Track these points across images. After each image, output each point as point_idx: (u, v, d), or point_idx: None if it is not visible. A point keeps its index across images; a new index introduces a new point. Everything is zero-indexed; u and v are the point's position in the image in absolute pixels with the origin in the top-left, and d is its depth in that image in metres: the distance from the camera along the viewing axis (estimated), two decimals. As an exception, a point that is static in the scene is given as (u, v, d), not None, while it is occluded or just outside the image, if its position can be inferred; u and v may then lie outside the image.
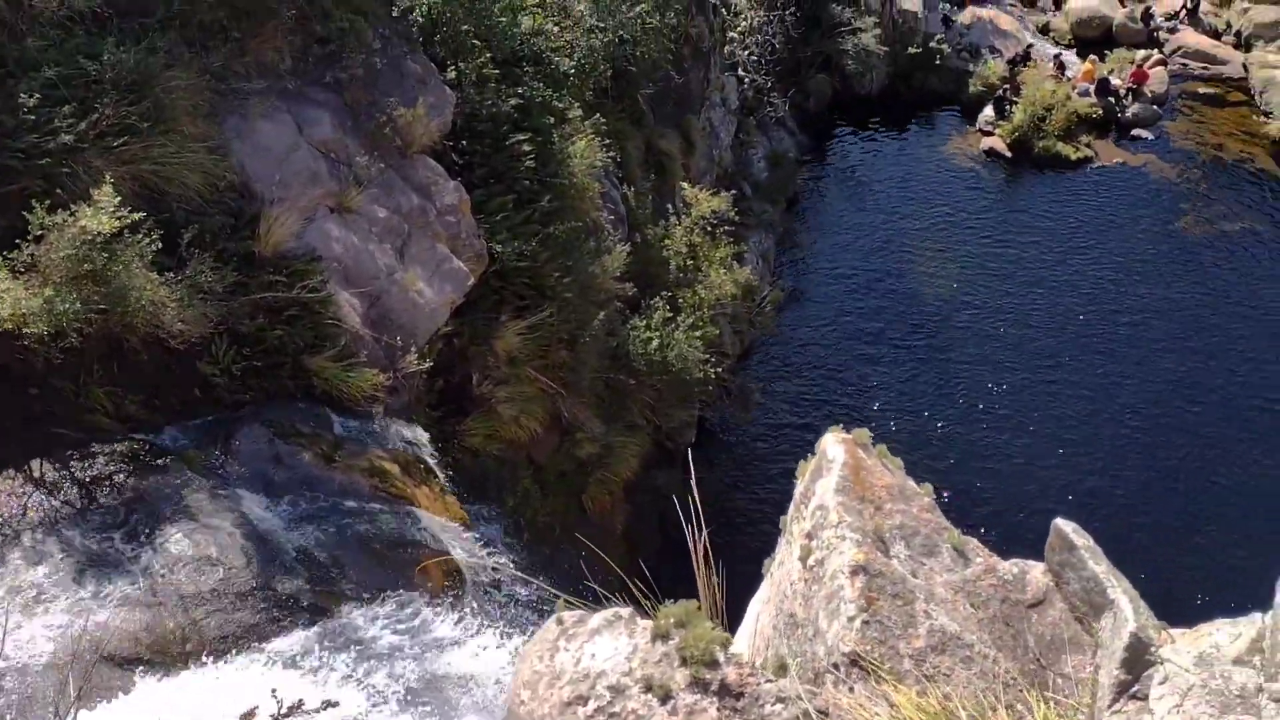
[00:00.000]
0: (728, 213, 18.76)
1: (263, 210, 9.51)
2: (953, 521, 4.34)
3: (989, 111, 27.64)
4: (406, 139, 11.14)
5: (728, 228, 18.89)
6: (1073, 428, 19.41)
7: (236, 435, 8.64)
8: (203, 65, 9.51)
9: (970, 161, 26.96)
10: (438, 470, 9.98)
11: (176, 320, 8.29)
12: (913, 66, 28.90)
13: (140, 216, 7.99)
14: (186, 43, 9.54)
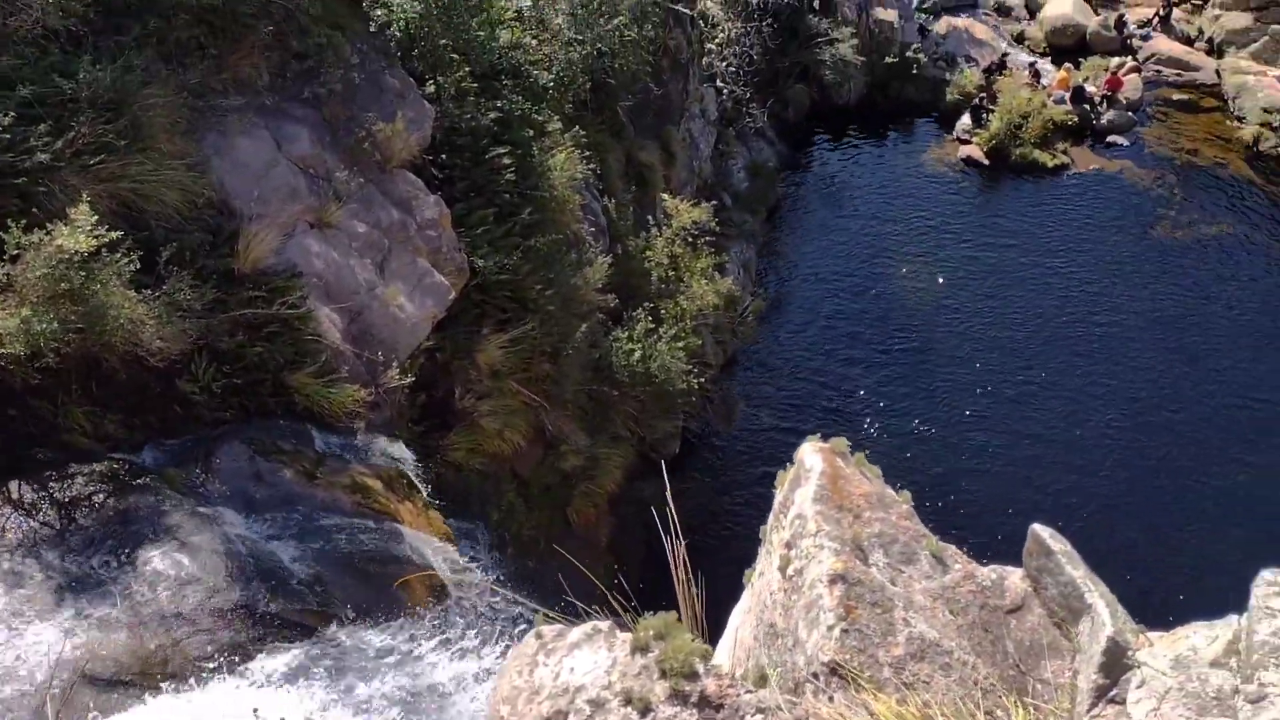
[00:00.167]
0: (708, 223, 18.83)
1: (242, 227, 9.48)
2: (933, 527, 4.36)
3: (966, 120, 27.85)
4: (386, 153, 11.14)
5: (709, 238, 18.96)
6: (1052, 431, 19.53)
7: (217, 453, 8.59)
8: (180, 82, 9.47)
9: (948, 169, 27.15)
10: (420, 485, 9.95)
11: (155, 338, 8.25)
12: (890, 76, 29.10)
13: (118, 235, 7.95)
14: (163, 60, 9.51)
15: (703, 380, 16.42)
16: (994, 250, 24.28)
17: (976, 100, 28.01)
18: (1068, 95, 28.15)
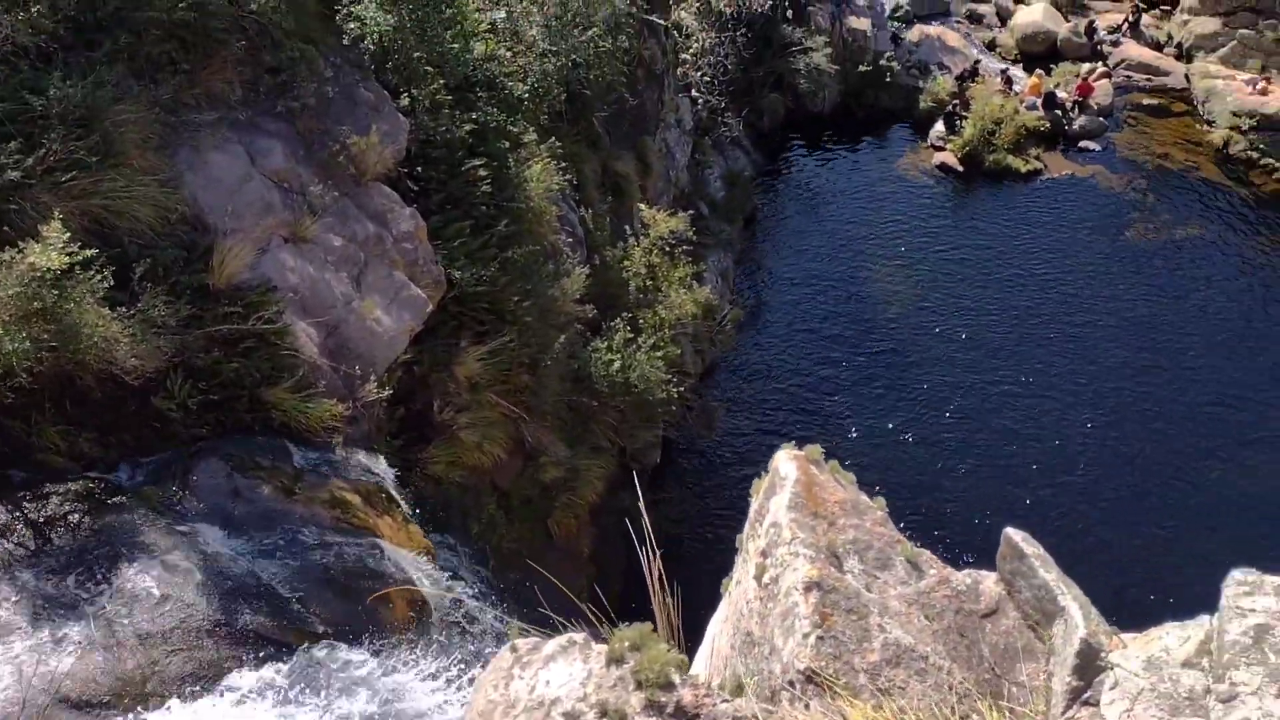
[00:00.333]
0: (686, 232, 18.90)
1: (216, 242, 9.43)
2: (911, 530, 4.38)
3: (940, 127, 28.09)
4: (361, 167, 11.12)
5: (686, 247, 19.02)
6: (1028, 433, 19.69)
7: (194, 470, 8.53)
8: (152, 98, 9.42)
9: (923, 176, 27.36)
10: (400, 499, 9.91)
11: (130, 356, 8.19)
12: (864, 84, 29.33)
13: (91, 252, 7.90)
14: (135, 75, 9.46)
15: (682, 389, 16.45)
16: (969, 255, 24.48)
17: (950, 107, 28.26)
18: (1040, 101, 28.45)
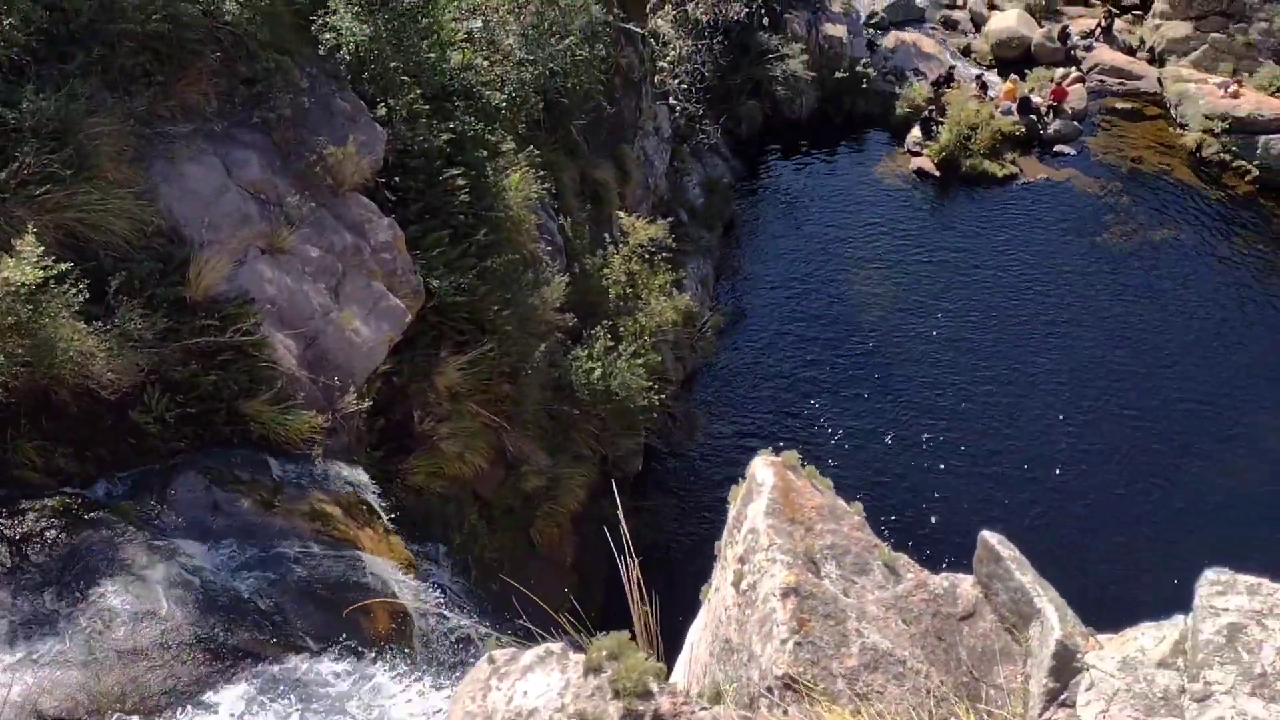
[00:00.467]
0: (665, 240, 18.92)
1: (192, 254, 9.39)
2: (891, 534, 4.42)
3: (916, 132, 28.26)
4: (338, 177, 11.09)
5: (666, 254, 19.05)
6: (1006, 434, 19.81)
7: (172, 484, 8.48)
8: (126, 110, 9.38)
9: (900, 181, 27.52)
10: (381, 511, 9.87)
11: (106, 370, 8.14)
12: (840, 90, 29.48)
13: (66, 266, 7.85)
14: (109, 88, 9.41)
15: (663, 396, 16.46)
16: (947, 259, 24.64)
17: (926, 113, 28.43)
18: (1014, 106, 28.67)
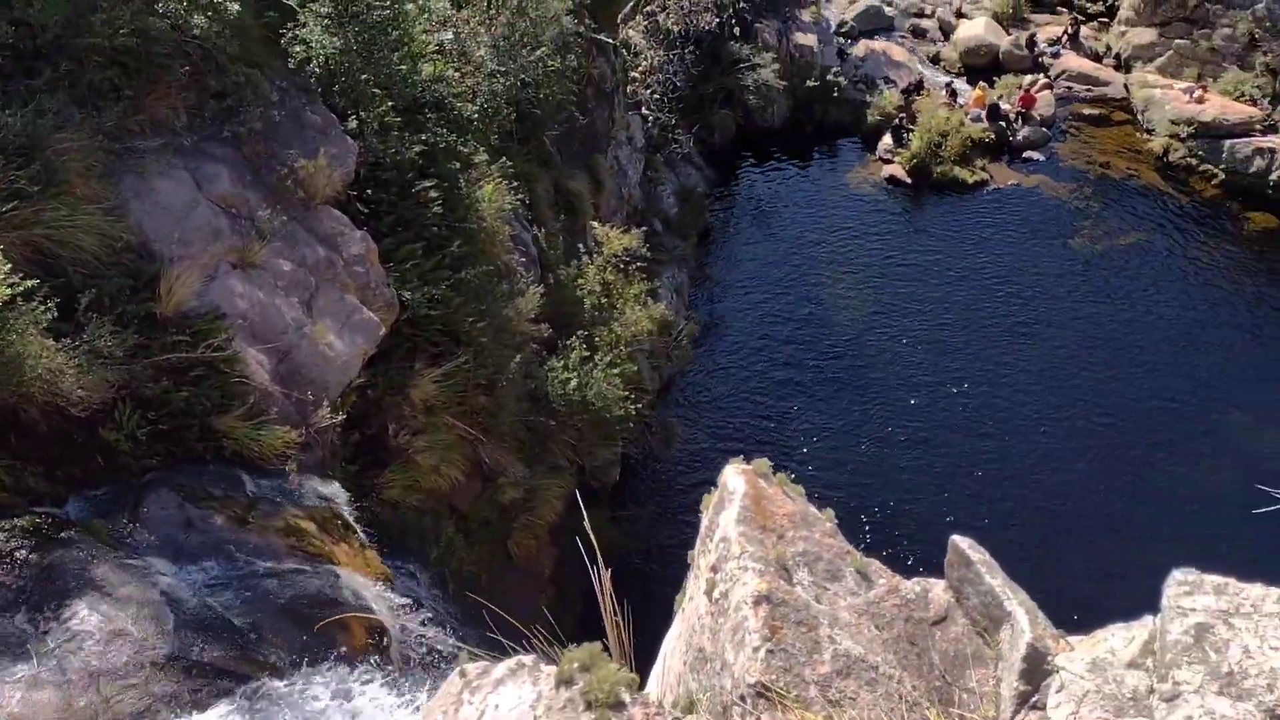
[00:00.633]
0: (640, 249, 18.95)
1: (163, 269, 9.32)
2: (865, 538, 4.45)
3: (888, 140, 28.48)
4: (309, 190, 11.05)
5: (640, 264, 19.07)
6: (978, 439, 19.97)
7: (145, 502, 8.39)
8: (95, 125, 9.32)
9: (873, 189, 27.72)
10: (356, 525, 9.82)
11: (76, 387, 8.07)
12: (812, 99, 29.67)
13: (33, 283, 7.78)
14: (77, 103, 9.35)
15: (640, 406, 16.46)
16: (920, 264, 24.83)
17: (897, 120, 28.66)
18: (984, 113, 28.95)
